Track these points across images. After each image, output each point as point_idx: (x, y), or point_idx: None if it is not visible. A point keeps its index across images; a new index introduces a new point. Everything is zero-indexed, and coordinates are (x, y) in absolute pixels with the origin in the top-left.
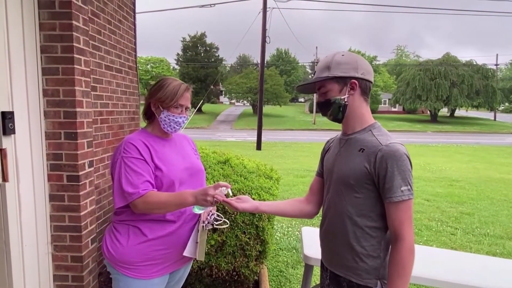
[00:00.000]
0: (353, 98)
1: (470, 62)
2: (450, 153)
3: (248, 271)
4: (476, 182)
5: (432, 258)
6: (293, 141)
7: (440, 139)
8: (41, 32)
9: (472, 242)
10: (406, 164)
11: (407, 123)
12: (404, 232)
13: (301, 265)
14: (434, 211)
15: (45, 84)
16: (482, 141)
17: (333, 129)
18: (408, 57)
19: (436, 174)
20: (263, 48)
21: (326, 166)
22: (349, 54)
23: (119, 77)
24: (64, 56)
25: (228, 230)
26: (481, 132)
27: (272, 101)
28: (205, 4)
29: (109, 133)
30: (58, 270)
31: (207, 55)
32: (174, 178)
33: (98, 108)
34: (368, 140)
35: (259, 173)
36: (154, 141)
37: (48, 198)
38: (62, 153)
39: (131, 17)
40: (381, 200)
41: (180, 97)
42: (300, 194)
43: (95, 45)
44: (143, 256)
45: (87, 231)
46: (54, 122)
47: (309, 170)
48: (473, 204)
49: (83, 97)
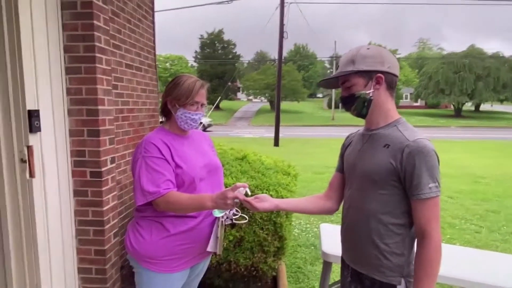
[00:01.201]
0: (378, 93)
1: (497, 54)
2: (475, 148)
3: (266, 267)
4: (502, 179)
5: (455, 256)
6: (311, 137)
7: (464, 135)
8: (64, 32)
9: (498, 240)
10: (434, 161)
11: (430, 118)
12: (431, 230)
13: (319, 261)
14: (458, 209)
15: (68, 83)
16: (509, 136)
17: (352, 124)
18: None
19: (460, 170)
20: (281, 44)
21: (347, 161)
22: (375, 48)
23: (139, 75)
24: (86, 55)
25: (246, 226)
26: (508, 127)
27: (290, 97)
28: (222, 1)
29: (130, 130)
30: (82, 263)
31: (225, 52)
32: (194, 175)
33: (119, 106)
34: (394, 135)
35: (276, 169)
36: (174, 139)
37: (73, 193)
38: (85, 150)
39: (150, 16)
40: (406, 197)
41: (195, 94)
42: (319, 190)
43: (116, 44)
44: (166, 250)
45: (109, 225)
46: (78, 120)
47: (327, 167)
48: (499, 201)
49: (105, 95)
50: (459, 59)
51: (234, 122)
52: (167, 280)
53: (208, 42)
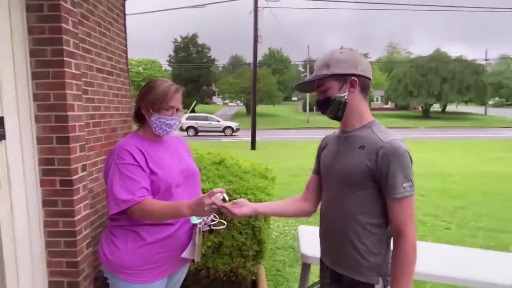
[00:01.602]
0: (353, 96)
1: (460, 57)
2: (442, 148)
3: (246, 271)
4: (469, 176)
5: (427, 252)
6: (288, 140)
7: (432, 135)
8: (30, 36)
9: (466, 236)
10: (408, 161)
11: (400, 120)
12: (407, 228)
13: (298, 263)
14: (429, 206)
15: (35, 89)
16: (474, 135)
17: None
18: (399, 54)
19: (429, 169)
20: (255, 48)
21: (324, 163)
22: (348, 51)
23: (111, 79)
24: (54, 59)
25: (225, 231)
26: (473, 127)
27: (266, 100)
28: (196, 5)
29: (102, 137)
30: (53, 276)
31: (199, 56)
32: (171, 182)
33: (90, 112)
34: (369, 137)
35: (254, 173)
36: (148, 145)
37: (42, 203)
38: (55, 157)
39: (121, 19)
40: (382, 197)
41: (170, 98)
42: (296, 192)
43: (85, 48)
44: (143, 260)
45: (81, 236)
46: (46, 127)
47: (304, 169)
48: (467, 198)
49: (74, 100)
50: (426, 62)
51: None
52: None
53: (182, 46)
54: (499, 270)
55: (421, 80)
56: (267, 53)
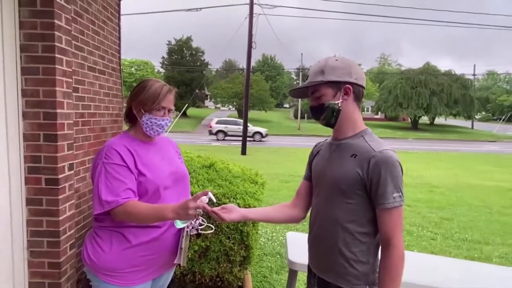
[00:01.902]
0: (346, 103)
1: (449, 71)
2: (430, 160)
3: (232, 276)
4: (455, 188)
5: (413, 262)
6: (278, 146)
7: (420, 146)
8: (21, 30)
9: (451, 247)
10: (398, 171)
11: (389, 130)
12: (395, 238)
13: (285, 270)
14: (415, 217)
15: (24, 84)
16: (460, 148)
17: (318, 134)
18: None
19: (417, 180)
20: (249, 54)
21: (315, 170)
22: (343, 59)
23: (102, 78)
24: (45, 55)
25: (212, 235)
26: (459, 140)
27: (258, 106)
28: (191, 8)
29: (90, 136)
30: (34, 277)
31: (193, 59)
32: (159, 184)
33: (79, 110)
34: (361, 146)
35: (244, 177)
36: (138, 146)
37: (25, 202)
38: (41, 155)
39: (116, 19)
40: (372, 206)
41: (162, 99)
42: (285, 199)
43: (78, 46)
44: (127, 262)
45: (65, 236)
46: (33, 124)
47: (294, 175)
48: (453, 210)
49: (64, 98)
50: (416, 75)
51: (202, 130)
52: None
53: (176, 48)
54: (481, 280)
55: (410, 92)
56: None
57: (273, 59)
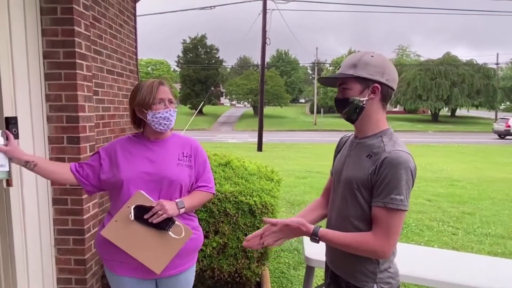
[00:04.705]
0: (371, 102)
1: (471, 61)
2: (451, 153)
3: (250, 272)
4: (477, 182)
5: (433, 258)
6: (294, 142)
7: (441, 139)
8: (43, 38)
9: (473, 242)
10: (402, 174)
11: (408, 123)
12: (386, 243)
13: (302, 266)
14: (436, 211)
15: (47, 89)
16: (483, 140)
17: (335, 129)
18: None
19: (437, 174)
20: (263, 50)
21: (335, 166)
22: (379, 57)
23: (121, 81)
24: (66, 61)
25: (230, 232)
26: (482, 132)
27: (273, 102)
28: (205, 6)
29: (111, 137)
30: (61, 273)
31: (208, 57)
32: (124, 179)
33: (100, 112)
34: (376, 146)
35: (260, 175)
36: (131, 144)
37: (52, 202)
38: (65, 157)
39: (132, 21)
40: None
41: (156, 92)
42: (302, 195)
43: (97, 50)
44: (105, 248)
45: (90, 234)
46: (57, 127)
47: (310, 171)
48: (475, 204)
49: (85, 101)
50: (435, 66)
51: (218, 127)
52: (118, 283)
53: (191, 47)
54: (505, 278)
55: (430, 84)
56: (275, 55)
57: (287, 54)
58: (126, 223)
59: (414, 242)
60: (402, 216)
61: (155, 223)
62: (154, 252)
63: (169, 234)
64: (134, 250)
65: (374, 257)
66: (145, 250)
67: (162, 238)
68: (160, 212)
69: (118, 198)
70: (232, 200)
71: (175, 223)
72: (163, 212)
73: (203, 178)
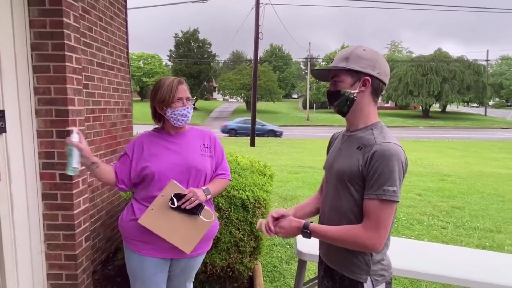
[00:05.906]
0: (362, 95)
1: (461, 58)
2: (441, 148)
3: (243, 267)
4: (466, 176)
5: (424, 252)
6: (287, 137)
7: (431, 135)
8: (31, 29)
9: (462, 235)
10: (393, 165)
11: (400, 119)
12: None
13: (295, 260)
14: (426, 206)
15: (36, 82)
16: (473, 136)
17: (327, 125)
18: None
19: (427, 169)
20: (256, 44)
21: (327, 160)
22: (371, 51)
23: (111, 74)
24: (55, 53)
25: (222, 227)
26: (472, 127)
27: (266, 97)
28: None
29: (101, 131)
30: (51, 269)
31: (200, 51)
32: (155, 171)
33: (90, 106)
34: (367, 138)
35: (252, 170)
36: (156, 138)
37: (41, 197)
38: (54, 151)
39: (123, 14)
40: None
41: (175, 91)
42: (294, 190)
43: (87, 42)
44: (132, 232)
45: (80, 229)
46: (46, 120)
47: (302, 166)
48: (464, 198)
49: (75, 95)
50: (427, 62)
51: (210, 122)
52: (140, 261)
53: (183, 41)
54: (493, 270)
55: (421, 80)
56: (268, 50)
57: (280, 49)
58: (162, 210)
59: (404, 236)
60: (393, 207)
61: (188, 209)
62: (186, 235)
63: (200, 218)
64: (168, 234)
65: (365, 250)
66: (178, 234)
67: (193, 221)
68: (193, 199)
69: (148, 188)
70: (224, 195)
71: (204, 208)
72: (195, 198)
73: (221, 166)
